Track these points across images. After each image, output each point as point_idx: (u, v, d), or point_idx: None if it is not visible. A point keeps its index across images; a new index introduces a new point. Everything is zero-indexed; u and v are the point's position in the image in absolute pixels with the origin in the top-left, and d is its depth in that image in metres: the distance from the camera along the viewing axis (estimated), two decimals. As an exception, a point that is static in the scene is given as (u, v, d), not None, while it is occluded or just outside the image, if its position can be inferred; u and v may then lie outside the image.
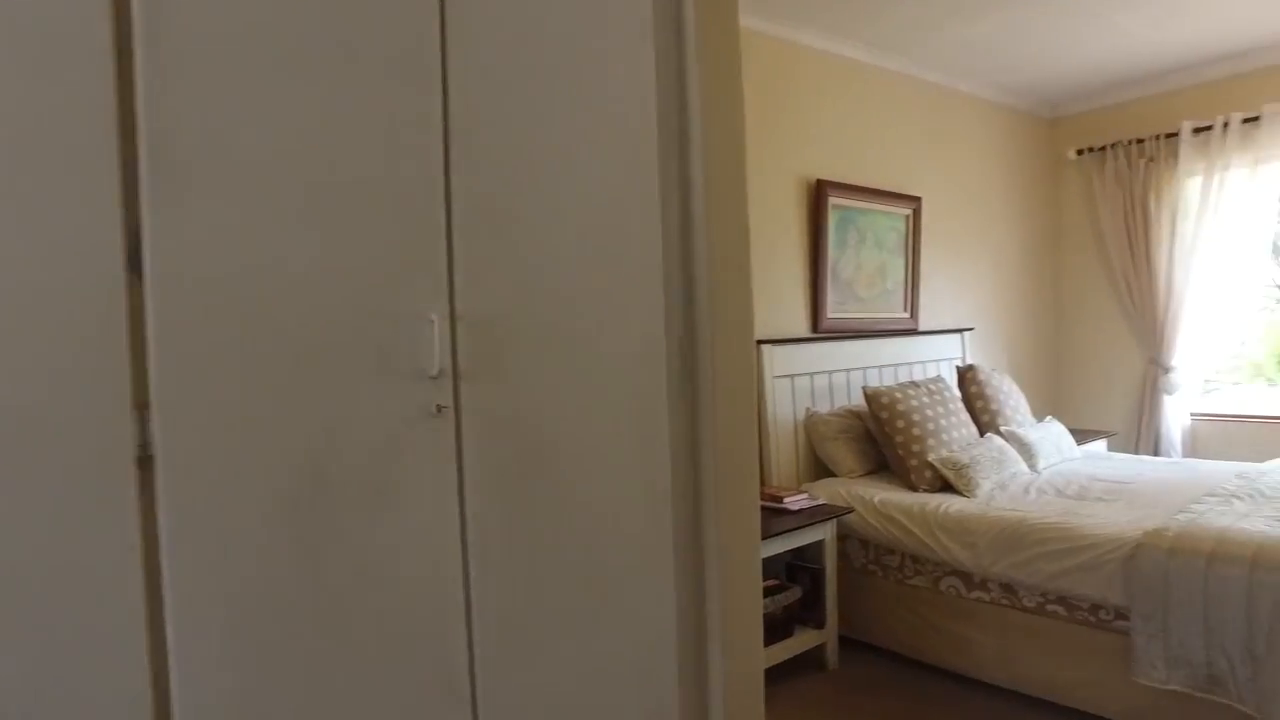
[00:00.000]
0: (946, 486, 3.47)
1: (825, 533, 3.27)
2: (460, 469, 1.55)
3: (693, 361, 2.01)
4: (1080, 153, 5.40)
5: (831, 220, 4.08)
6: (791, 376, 3.84)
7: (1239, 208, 4.76)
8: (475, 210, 1.59)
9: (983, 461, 3.51)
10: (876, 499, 3.39)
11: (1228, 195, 4.78)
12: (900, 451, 3.59)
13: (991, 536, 2.96)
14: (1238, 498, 2.96)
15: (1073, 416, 5.51)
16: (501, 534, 1.59)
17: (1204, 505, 2.88)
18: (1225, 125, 4.75)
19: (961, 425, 3.80)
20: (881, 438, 3.71)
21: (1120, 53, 4.60)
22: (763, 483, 3.72)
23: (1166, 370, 5.02)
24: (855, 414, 3.91)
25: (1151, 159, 5.05)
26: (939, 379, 4.06)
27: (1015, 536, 2.90)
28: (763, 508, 3.34)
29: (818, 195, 4.00)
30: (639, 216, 1.82)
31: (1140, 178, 5.09)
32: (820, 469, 3.87)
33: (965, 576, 3.08)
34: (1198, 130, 4.86)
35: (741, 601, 1.99)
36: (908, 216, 4.53)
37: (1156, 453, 5.05)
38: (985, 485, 3.41)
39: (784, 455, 3.80)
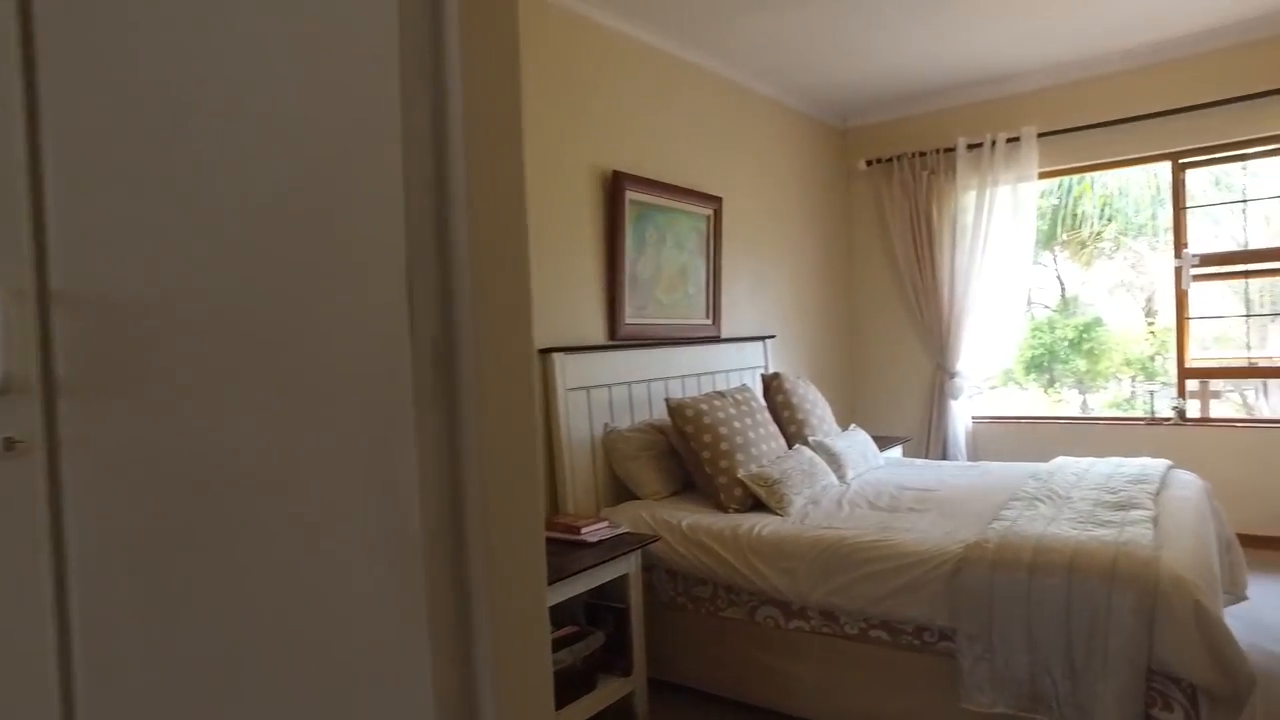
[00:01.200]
0: (758, 505, 3.18)
1: (629, 565, 2.86)
2: (58, 546, 0.95)
3: (450, 371, 1.49)
4: (870, 163, 5.48)
5: (630, 217, 3.73)
6: (587, 389, 3.42)
7: (1005, 222, 4.97)
8: (94, 131, 1.00)
9: (794, 475, 3.26)
10: (684, 523, 3.04)
11: (997, 210, 4.99)
12: (708, 469, 3.27)
13: (810, 560, 2.68)
14: (1039, 500, 2.89)
15: (872, 423, 5.54)
16: (142, 649, 0.99)
17: (1012, 511, 2.77)
18: (993, 143, 4.95)
19: (770, 437, 3.55)
20: (687, 454, 3.37)
21: (906, 67, 4.66)
22: (556, 511, 3.26)
23: (951, 375, 5.15)
24: (658, 429, 3.56)
25: (933, 172, 5.19)
26: (745, 388, 3.81)
27: (835, 558, 2.64)
28: (556, 541, 2.88)
29: (615, 188, 3.63)
30: (371, 167, 1.30)
31: (924, 190, 5.22)
32: (622, 491, 3.47)
33: (783, 605, 2.78)
34: (971, 146, 5.04)
35: (526, 679, 1.49)
36: (709, 217, 4.28)
37: (945, 456, 5.16)
38: (798, 501, 3.16)
39: (581, 478, 3.36)
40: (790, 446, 3.64)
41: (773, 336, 4.72)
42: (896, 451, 4.85)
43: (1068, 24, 4.14)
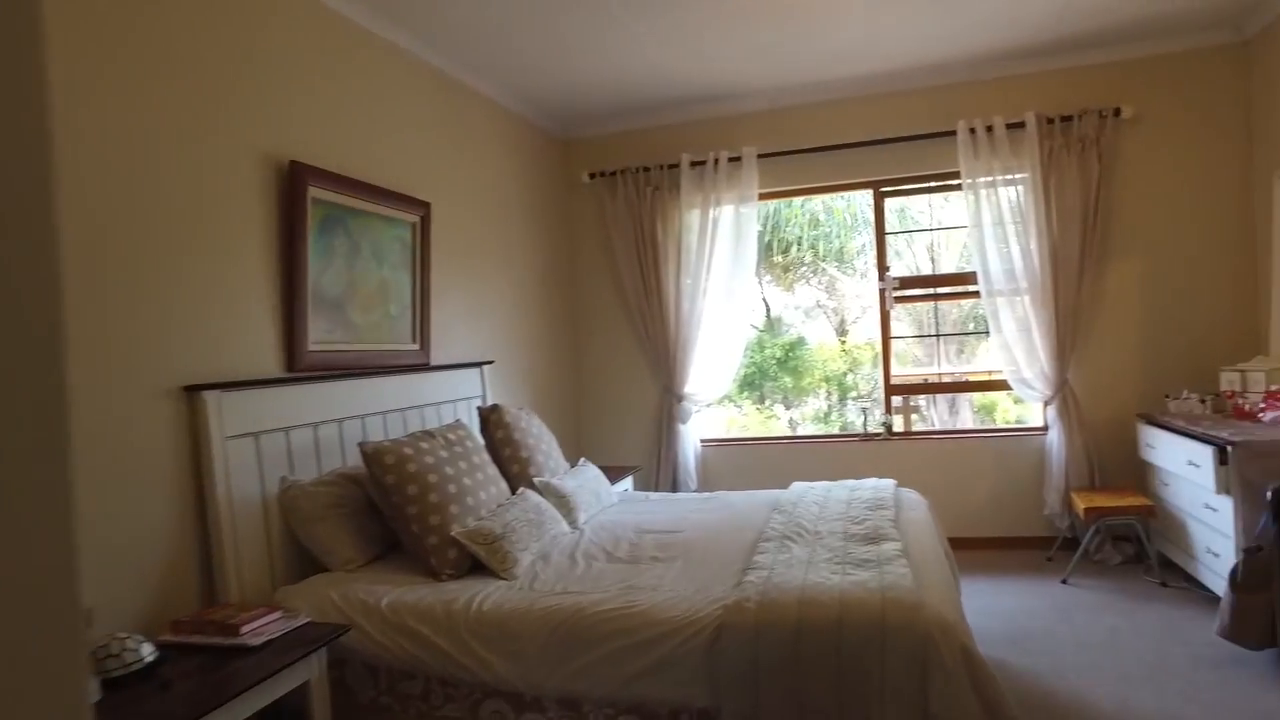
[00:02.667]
0: (478, 566, 2.63)
1: (310, 670, 2.16)
2: None
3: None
4: (593, 176, 5.18)
5: (314, 219, 3.01)
6: (256, 434, 2.64)
7: (729, 242, 4.92)
8: None
9: (519, 527, 2.75)
10: (385, 603, 2.39)
11: (721, 229, 4.92)
12: (415, 527, 2.66)
13: (543, 639, 2.18)
14: (790, 539, 2.67)
15: (601, 453, 5.22)
16: None
17: (765, 555, 2.50)
18: (716, 162, 4.88)
19: (490, 482, 3.01)
20: (389, 509, 2.73)
21: (632, 77, 4.41)
22: (212, 602, 2.45)
23: (679, 399, 4.98)
24: (353, 479, 2.87)
25: (657, 188, 5.01)
26: (459, 424, 3.23)
27: (573, 635, 2.16)
28: (204, 650, 2.12)
29: (294, 182, 2.89)
30: None
31: (648, 206, 5.01)
32: (308, 562, 2.73)
33: (514, 697, 2.24)
34: (695, 164, 4.93)
35: None
36: (415, 225, 3.66)
37: (676, 484, 4.97)
38: (525, 559, 2.65)
39: (249, 552, 2.57)
40: (514, 491, 3.13)
41: (491, 362, 4.19)
42: (628, 483, 4.55)
43: (792, 46, 4.13)
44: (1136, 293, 4.45)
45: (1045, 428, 4.53)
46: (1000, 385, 4.73)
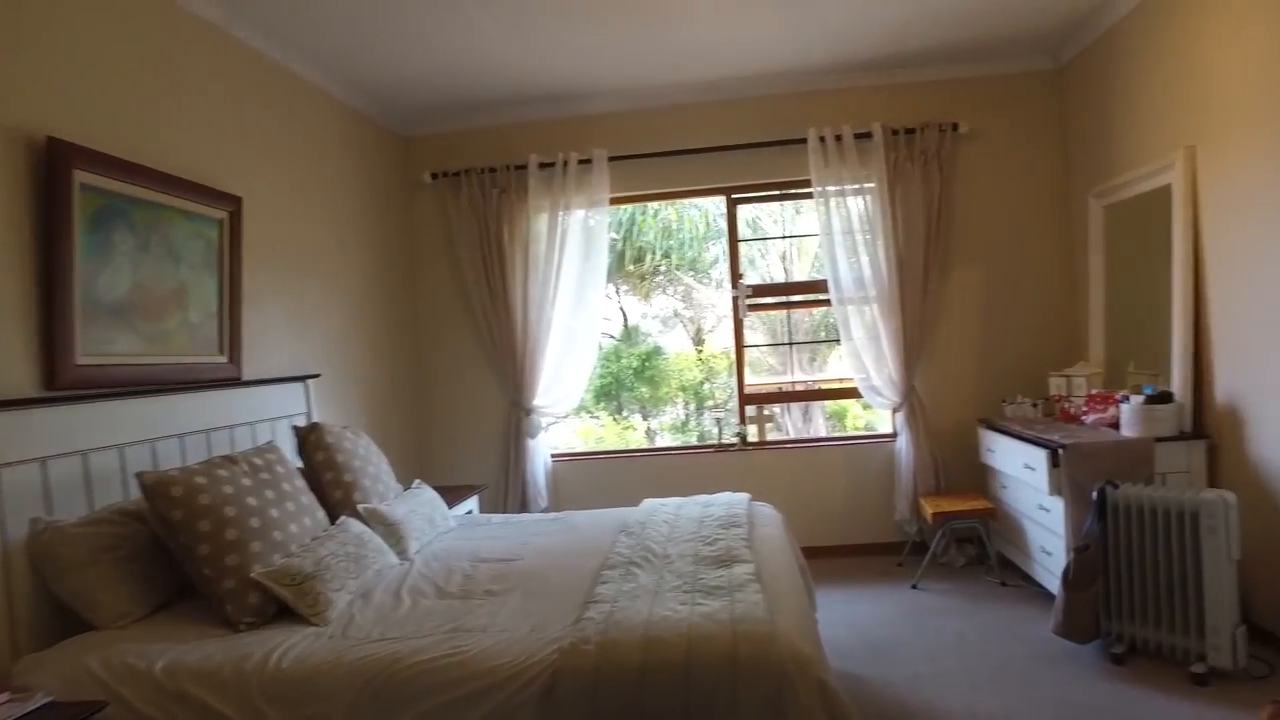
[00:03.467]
0: (286, 612, 2.28)
1: (50, 761, 1.75)
2: None
3: None
4: (435, 176, 4.84)
5: (84, 211, 2.55)
6: (-2, 467, 2.18)
7: (579, 247, 4.72)
8: None
9: (336, 563, 2.42)
10: (160, 665, 2.00)
11: (572, 234, 4.71)
12: (207, 569, 2.27)
13: (352, 699, 1.87)
14: (637, 565, 2.47)
15: (445, 472, 4.87)
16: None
17: (609, 585, 2.29)
18: (566, 164, 4.68)
19: (304, 512, 2.65)
20: (178, 550, 2.32)
21: (476, 71, 4.14)
22: (-75, 679, 1.98)
23: (528, 412, 4.72)
24: (136, 515, 2.44)
25: (504, 190, 4.74)
26: (270, 447, 2.84)
27: (388, 691, 1.87)
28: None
29: (53, 165, 2.43)
30: None
31: (494, 209, 4.73)
32: (70, 621, 2.27)
33: (315, 771, 1.91)
34: (544, 165, 4.70)
35: None
36: (223, 221, 3.23)
37: (525, 502, 4.70)
38: (341, 600, 2.32)
39: (-18, 612, 2.10)
40: (334, 521, 2.78)
41: (316, 376, 3.78)
42: (473, 503, 4.24)
43: (640, 45, 3.98)
44: (975, 301, 4.60)
45: (894, 434, 4.60)
46: (851, 393, 4.77)
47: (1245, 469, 3.19)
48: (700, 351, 8.56)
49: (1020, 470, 3.74)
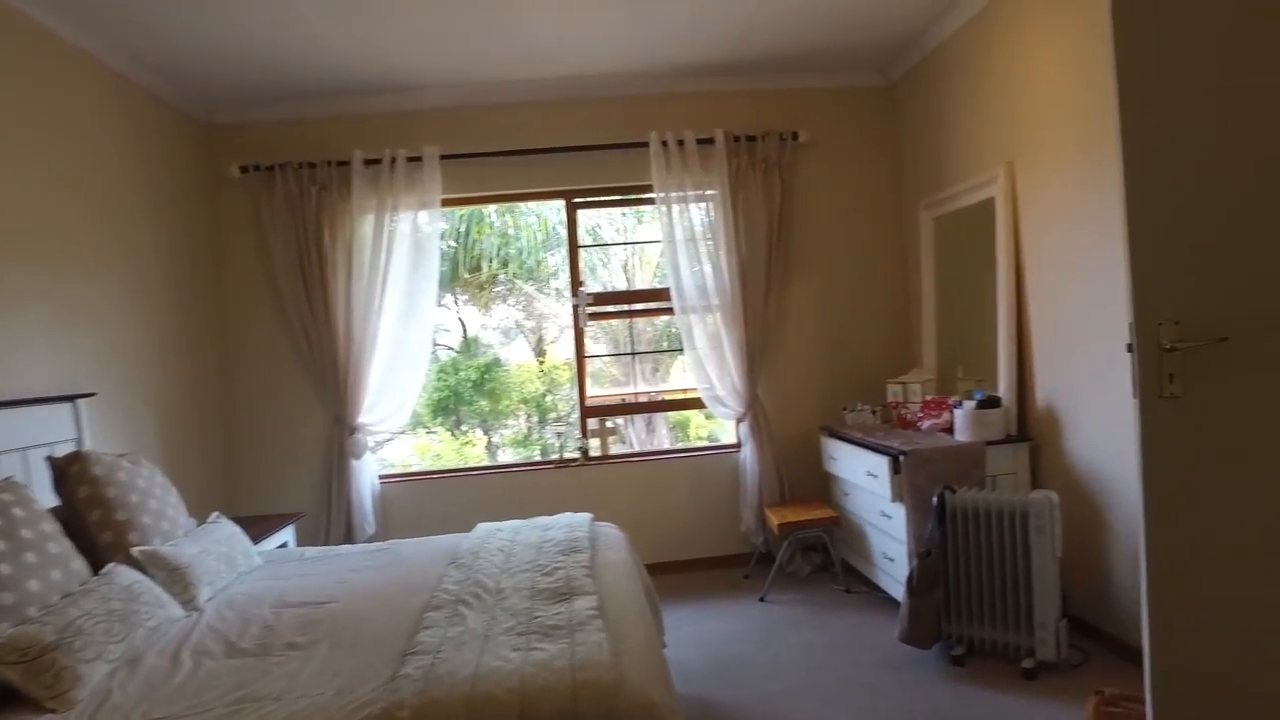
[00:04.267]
0: (15, 699, 1.82)
1: None
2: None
3: None
4: (245, 170, 4.32)
5: None
6: None
7: (409, 252, 4.36)
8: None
9: (91, 626, 1.98)
10: None
11: (401, 237, 4.35)
12: (-92, 646, 1.78)
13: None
14: (466, 603, 2.19)
15: (253, 502, 4.34)
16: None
17: (433, 631, 2.00)
18: (394, 161, 4.31)
19: (51, 564, 2.17)
20: None
21: (290, 54, 3.72)
22: None
23: (352, 430, 4.29)
24: None
25: (324, 187, 4.30)
26: (8, 485, 2.32)
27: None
28: None
29: None
30: None
31: (313, 208, 4.29)
32: None
33: None
34: (369, 162, 4.31)
35: None
36: (-45, 210, 2.66)
37: (350, 531, 4.26)
38: (96, 673, 1.90)
39: None
40: (98, 571, 2.31)
41: (90, 395, 3.22)
42: (288, 534, 3.78)
43: (474, 38, 3.71)
44: (816, 310, 4.63)
45: (738, 445, 4.54)
46: (695, 403, 4.69)
47: (1063, 468, 3.33)
48: (542, 363, 8.31)
49: (862, 477, 3.76)
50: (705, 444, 5.75)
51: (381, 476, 4.51)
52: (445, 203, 4.49)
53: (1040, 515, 2.93)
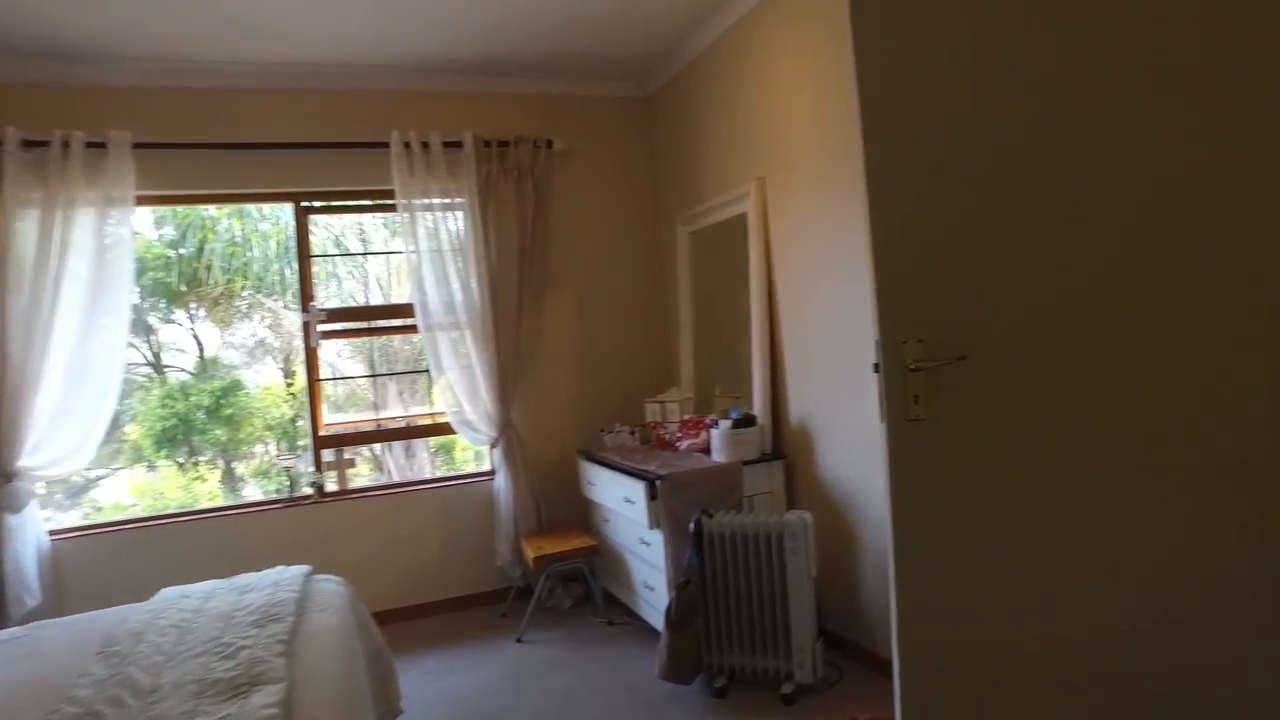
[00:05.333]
0: None
1: None
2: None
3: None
4: None
5: None
6: None
7: (91, 257, 3.60)
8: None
9: None
10: None
11: (79, 238, 3.57)
12: None
13: None
14: (97, 717, 1.66)
15: None
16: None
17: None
18: (67, 145, 3.54)
19: None
20: None
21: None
22: None
23: (8, 477, 3.45)
24: None
25: (-37, 172, 3.44)
26: None
27: None
28: None
29: None
30: None
31: (-54, 198, 3.41)
32: None
33: None
34: (31, 144, 3.51)
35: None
36: None
37: (3, 605, 3.40)
38: None
39: None
40: None
41: None
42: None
43: (184, 5, 3.11)
44: (573, 327, 4.42)
45: (493, 472, 4.20)
46: (444, 429, 4.29)
47: (816, 485, 3.34)
48: (290, 384, 7.47)
49: (620, 503, 3.57)
50: (455, 473, 5.33)
51: (53, 532, 3.67)
52: (142, 200, 3.77)
53: (795, 536, 2.87)
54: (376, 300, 6.76)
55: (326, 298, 5.98)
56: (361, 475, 6.02)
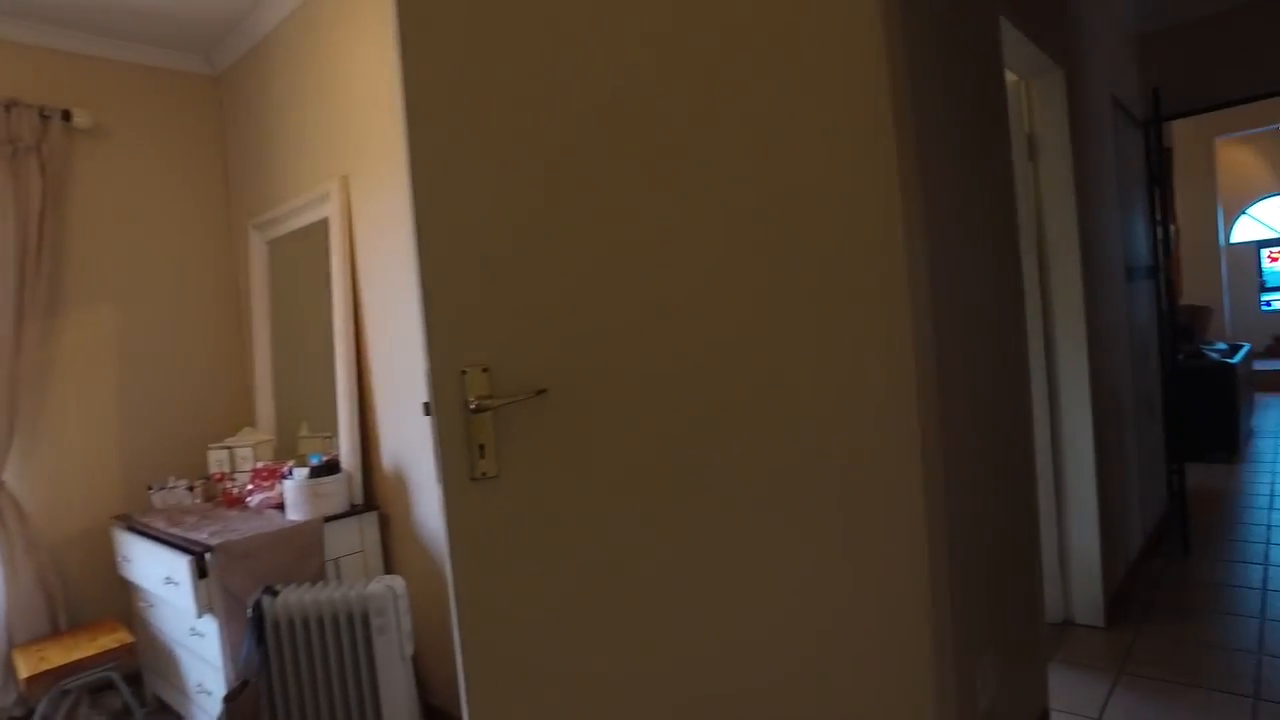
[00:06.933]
0: None
1: None
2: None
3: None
4: None
5: None
6: None
7: None
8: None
9: None
10: None
11: None
12: None
13: None
14: None
15: None
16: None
17: None
18: None
19: None
20: None
21: None
22: None
23: None
24: None
25: None
26: None
27: None
28: None
29: None
30: None
31: None
32: None
33: None
34: None
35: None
36: None
37: None
38: None
39: None
40: None
41: None
42: None
43: None
44: (109, 357, 3.40)
45: (-25, 559, 3.04)
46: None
47: (413, 541, 2.82)
48: None
49: (162, 585, 2.73)
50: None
51: None
52: None
53: (382, 612, 2.33)
54: None
55: None
56: None
